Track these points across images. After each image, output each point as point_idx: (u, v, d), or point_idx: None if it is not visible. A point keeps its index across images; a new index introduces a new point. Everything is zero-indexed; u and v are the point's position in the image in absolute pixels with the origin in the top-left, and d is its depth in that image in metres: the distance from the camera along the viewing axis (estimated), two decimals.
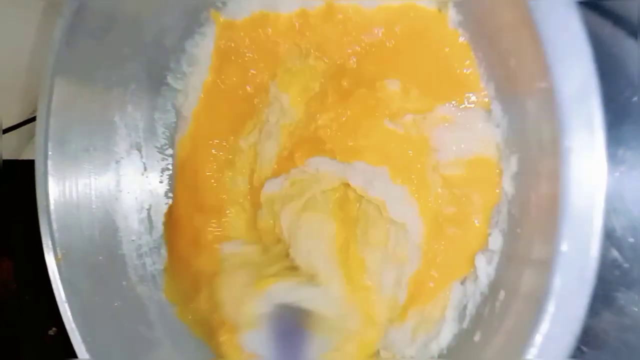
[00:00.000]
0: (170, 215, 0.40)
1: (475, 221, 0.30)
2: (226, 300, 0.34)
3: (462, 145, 0.30)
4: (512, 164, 0.27)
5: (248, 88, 0.38)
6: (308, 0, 0.35)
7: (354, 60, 0.35)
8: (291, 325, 0.31)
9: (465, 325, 0.30)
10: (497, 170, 0.29)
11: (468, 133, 0.30)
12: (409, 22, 0.32)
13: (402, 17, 0.32)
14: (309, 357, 0.30)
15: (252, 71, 0.38)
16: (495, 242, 0.29)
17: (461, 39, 0.30)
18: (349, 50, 0.35)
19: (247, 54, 0.38)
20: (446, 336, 0.31)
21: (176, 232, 0.39)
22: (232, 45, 0.38)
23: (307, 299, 0.32)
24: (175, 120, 0.40)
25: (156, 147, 0.40)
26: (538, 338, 0.21)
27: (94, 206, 0.35)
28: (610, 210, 0.28)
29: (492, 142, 0.29)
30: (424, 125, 0.32)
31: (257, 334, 0.31)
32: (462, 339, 0.30)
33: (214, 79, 0.39)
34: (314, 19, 0.35)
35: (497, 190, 0.29)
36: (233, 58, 0.38)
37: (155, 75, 0.38)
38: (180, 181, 0.40)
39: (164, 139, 0.40)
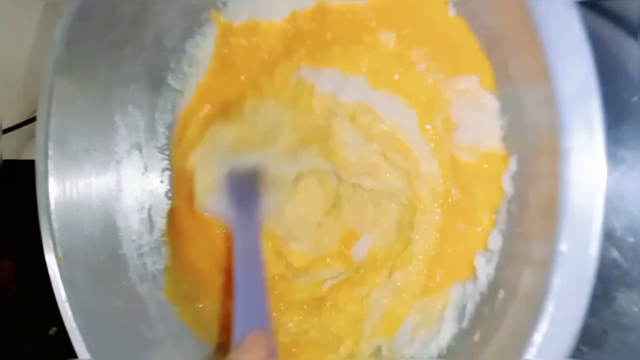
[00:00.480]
0: (172, 218, 0.40)
1: (484, 218, 0.30)
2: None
3: (481, 132, 0.29)
4: (512, 164, 0.27)
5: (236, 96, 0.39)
6: (299, 1, 0.35)
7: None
8: (244, 185, 0.35)
9: (464, 325, 0.30)
10: (505, 169, 0.29)
11: (488, 120, 0.29)
12: (406, 9, 0.32)
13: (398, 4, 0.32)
14: (264, 212, 0.34)
15: (241, 78, 0.38)
16: (495, 241, 0.29)
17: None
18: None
19: (239, 65, 0.38)
20: (446, 336, 0.31)
21: (181, 237, 0.39)
22: (226, 51, 0.38)
23: (260, 161, 0.36)
24: (173, 120, 0.40)
25: (156, 147, 0.40)
26: (537, 338, 0.21)
27: (94, 206, 0.35)
28: (610, 210, 0.28)
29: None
30: (444, 85, 0.31)
31: (215, 197, 0.35)
32: (462, 338, 0.30)
33: (208, 81, 0.39)
34: (302, 20, 0.35)
35: (503, 189, 0.29)
36: (228, 63, 0.38)
37: (156, 75, 0.38)
38: (179, 184, 0.40)
39: (165, 139, 0.40)
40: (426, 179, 0.33)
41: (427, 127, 0.33)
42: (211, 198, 0.35)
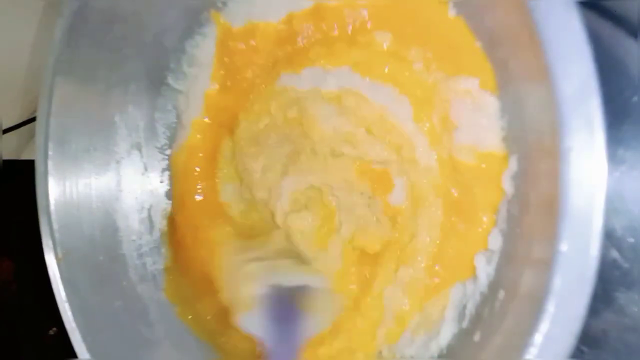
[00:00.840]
0: (172, 227, 0.40)
1: (484, 218, 0.30)
2: (225, 281, 0.35)
3: (481, 132, 0.29)
4: (512, 164, 0.27)
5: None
6: (296, 3, 0.35)
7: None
8: (286, 305, 0.32)
9: (465, 325, 0.30)
10: (505, 169, 0.29)
11: (488, 120, 0.29)
12: (405, 9, 0.32)
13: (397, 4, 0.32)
14: (304, 336, 0.31)
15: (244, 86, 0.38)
16: (495, 241, 0.29)
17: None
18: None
19: (240, 71, 0.38)
20: (446, 336, 0.31)
21: (181, 246, 0.39)
22: (227, 59, 0.38)
23: (301, 279, 0.33)
24: (175, 120, 0.40)
25: (157, 147, 0.40)
26: (538, 338, 0.21)
27: (94, 206, 0.35)
28: (610, 210, 0.28)
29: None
30: (444, 85, 0.31)
31: (253, 315, 0.32)
32: (462, 338, 0.30)
33: (215, 94, 0.39)
34: (298, 21, 0.35)
35: (503, 189, 0.29)
36: (231, 69, 0.38)
37: (156, 75, 0.38)
38: (180, 199, 0.40)
39: (165, 139, 0.40)
40: (424, 171, 0.33)
41: (425, 122, 0.32)
42: (248, 316, 0.32)
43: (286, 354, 0.30)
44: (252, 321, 0.32)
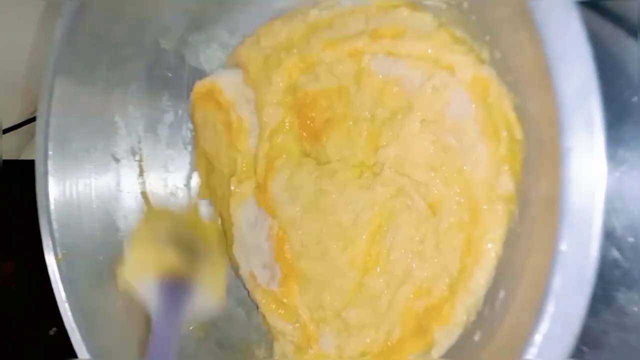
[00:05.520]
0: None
1: None
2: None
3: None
4: None
5: None
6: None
7: None
8: (177, 278, 0.31)
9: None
10: None
11: None
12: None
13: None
14: (191, 309, 0.30)
15: None
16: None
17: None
18: None
19: None
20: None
21: None
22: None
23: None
24: (173, 120, 0.40)
25: (157, 146, 0.40)
26: (538, 338, 0.21)
27: (94, 206, 0.35)
28: (610, 210, 0.28)
29: None
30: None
31: (146, 280, 0.30)
32: (462, 338, 0.30)
33: None
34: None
35: None
36: None
37: (156, 75, 0.38)
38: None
39: (165, 138, 0.40)
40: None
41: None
42: (141, 280, 0.30)
43: (171, 326, 0.29)
44: (143, 286, 0.30)
